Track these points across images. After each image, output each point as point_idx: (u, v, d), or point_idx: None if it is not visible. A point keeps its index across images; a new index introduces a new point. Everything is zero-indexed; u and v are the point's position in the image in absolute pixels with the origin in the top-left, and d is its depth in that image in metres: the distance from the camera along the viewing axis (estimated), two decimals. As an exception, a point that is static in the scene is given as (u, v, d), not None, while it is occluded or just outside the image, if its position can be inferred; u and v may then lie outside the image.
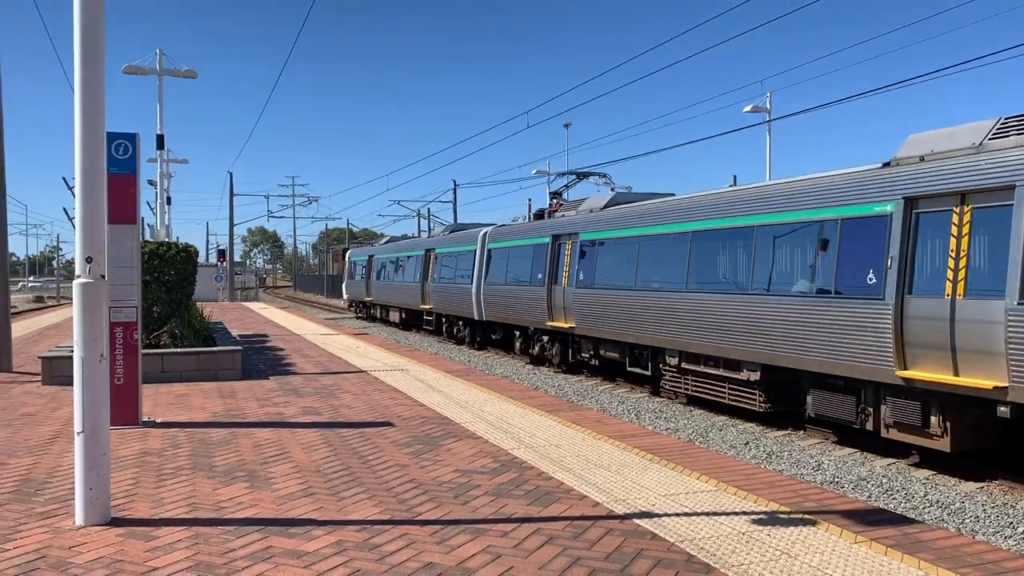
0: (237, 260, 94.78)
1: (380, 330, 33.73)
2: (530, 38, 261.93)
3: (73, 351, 5.42)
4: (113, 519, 5.43)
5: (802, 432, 12.41)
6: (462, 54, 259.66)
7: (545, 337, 20.11)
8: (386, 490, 6.17)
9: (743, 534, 5.09)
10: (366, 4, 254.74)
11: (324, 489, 6.19)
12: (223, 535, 5.11)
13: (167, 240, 19.73)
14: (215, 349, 12.68)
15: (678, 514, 5.52)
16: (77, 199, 5.37)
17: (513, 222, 26.46)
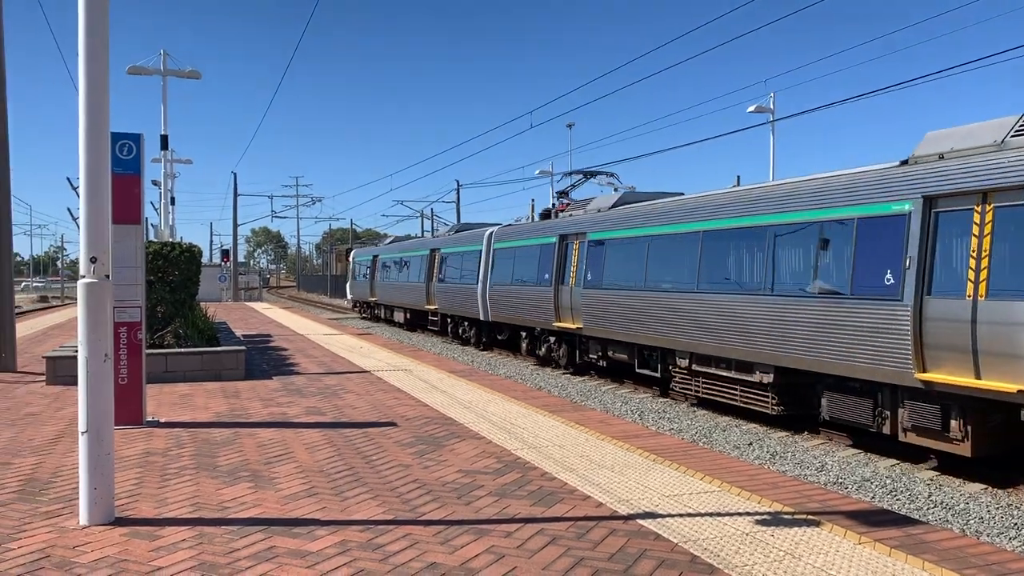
0: (241, 260, 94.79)
1: (384, 330, 33.75)
2: (532, 38, 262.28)
3: (77, 351, 5.43)
4: (117, 519, 5.44)
5: (805, 433, 12.39)
6: (464, 54, 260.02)
7: (552, 338, 19.95)
8: (389, 490, 6.17)
9: (747, 535, 5.08)
10: (367, 5, 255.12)
11: (328, 489, 6.20)
12: (227, 535, 5.12)
13: (171, 240, 19.77)
14: (219, 349, 12.69)
15: (682, 515, 5.51)
16: (81, 199, 5.38)
17: (517, 222, 26.40)
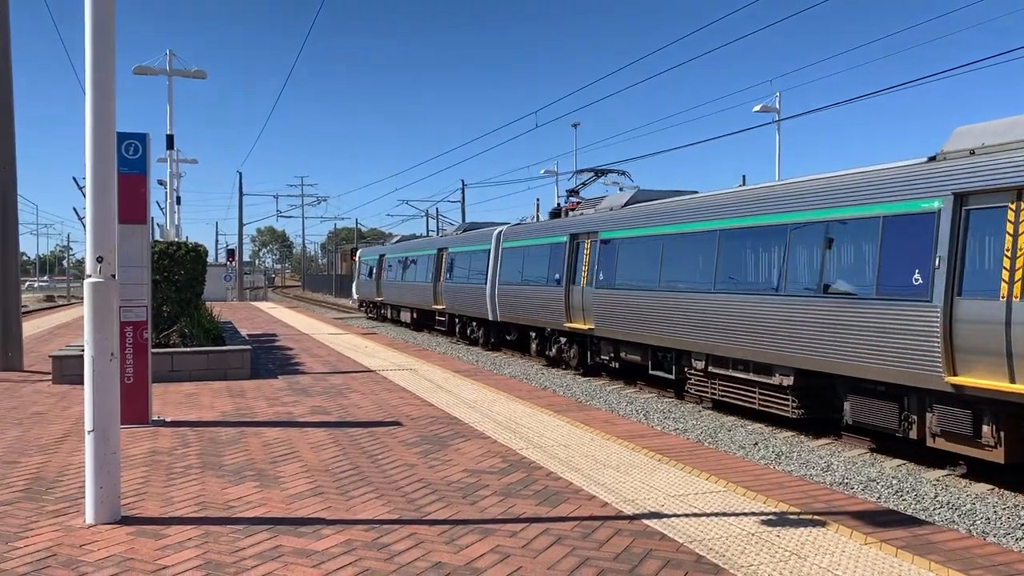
0: (246, 260, 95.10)
1: (389, 330, 33.78)
2: (537, 38, 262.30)
3: (83, 350, 5.44)
4: (123, 518, 5.45)
5: (811, 434, 12.37)
6: (469, 55, 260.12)
7: (563, 339, 19.71)
8: (395, 490, 6.17)
9: (752, 535, 5.07)
10: (371, 6, 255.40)
11: (333, 488, 6.21)
12: (232, 534, 5.13)
13: (177, 240, 19.82)
14: (224, 348, 12.71)
15: (687, 515, 5.51)
16: (88, 199, 5.40)
17: (522, 222, 26.35)
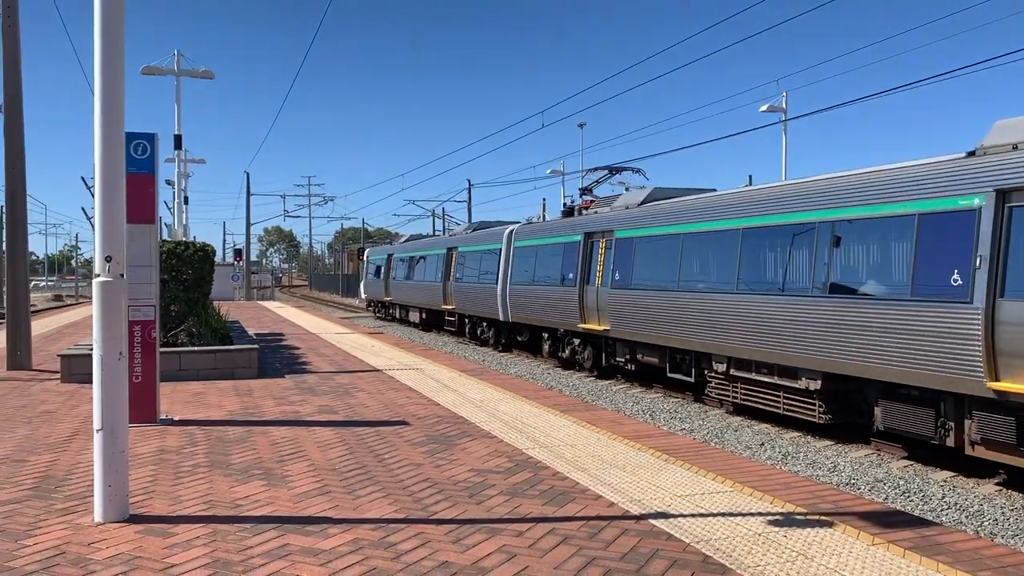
0: (253, 259, 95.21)
1: (396, 329, 33.82)
2: (543, 38, 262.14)
3: (92, 349, 5.47)
4: (131, 516, 5.48)
5: (816, 435, 12.34)
6: (475, 55, 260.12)
7: (576, 340, 19.37)
8: (401, 489, 6.18)
9: (759, 535, 5.07)
10: (376, 7, 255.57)
11: (340, 487, 6.22)
12: (240, 533, 5.15)
13: (185, 239, 19.87)
14: (232, 348, 12.75)
15: (694, 515, 5.50)
16: (96, 198, 5.42)
17: (530, 220, 26.29)
